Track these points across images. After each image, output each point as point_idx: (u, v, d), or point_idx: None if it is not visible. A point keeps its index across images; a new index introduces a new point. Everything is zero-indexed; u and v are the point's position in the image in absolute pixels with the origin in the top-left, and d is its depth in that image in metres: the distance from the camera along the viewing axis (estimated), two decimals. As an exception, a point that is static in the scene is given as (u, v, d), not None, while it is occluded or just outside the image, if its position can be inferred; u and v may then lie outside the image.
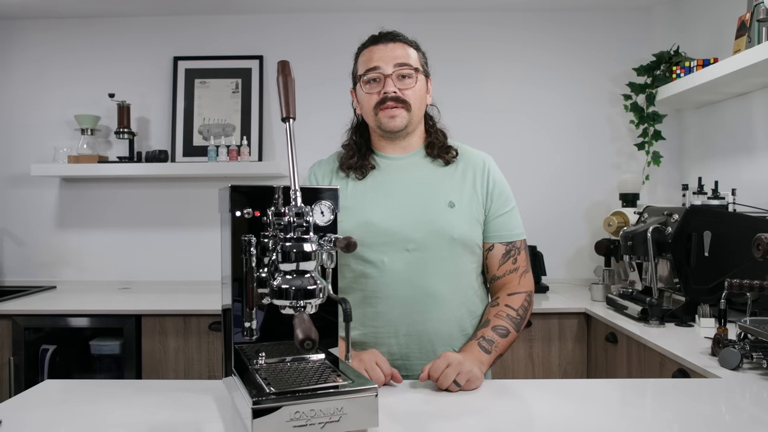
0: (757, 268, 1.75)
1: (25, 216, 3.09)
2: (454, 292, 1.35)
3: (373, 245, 1.33)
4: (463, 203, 1.37)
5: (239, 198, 1.09)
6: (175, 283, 3.00)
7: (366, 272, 1.35)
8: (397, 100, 1.35)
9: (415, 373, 1.35)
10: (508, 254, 1.40)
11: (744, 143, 2.44)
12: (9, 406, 1.12)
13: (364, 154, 1.43)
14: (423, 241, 1.33)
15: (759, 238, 1.41)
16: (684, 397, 1.17)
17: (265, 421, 0.89)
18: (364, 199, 1.37)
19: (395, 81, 1.35)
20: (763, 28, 2.01)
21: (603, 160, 3.02)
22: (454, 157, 1.42)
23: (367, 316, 1.36)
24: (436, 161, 1.42)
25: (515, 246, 1.41)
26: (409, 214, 1.34)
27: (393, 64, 1.35)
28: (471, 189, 1.39)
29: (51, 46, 3.09)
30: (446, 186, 1.38)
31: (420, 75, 1.38)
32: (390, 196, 1.37)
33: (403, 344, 1.35)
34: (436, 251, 1.33)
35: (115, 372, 2.51)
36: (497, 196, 1.40)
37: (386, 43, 1.38)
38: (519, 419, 1.06)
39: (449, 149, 1.42)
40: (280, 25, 3.07)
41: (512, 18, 3.05)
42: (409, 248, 1.33)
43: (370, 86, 1.38)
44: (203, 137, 3.02)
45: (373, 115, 1.38)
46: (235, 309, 1.11)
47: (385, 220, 1.34)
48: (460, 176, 1.40)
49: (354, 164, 1.41)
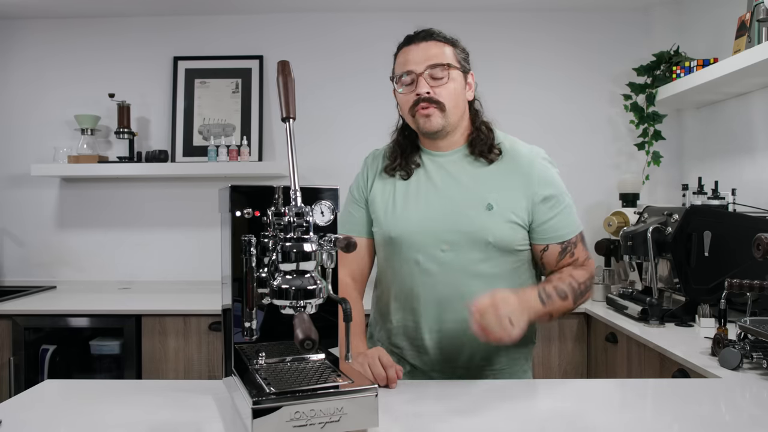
0: (757, 268, 1.75)
1: (25, 216, 3.09)
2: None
3: (410, 245, 1.35)
4: (503, 206, 1.33)
5: (239, 198, 1.09)
6: (175, 283, 2.99)
7: (404, 270, 1.37)
8: (430, 101, 1.32)
9: (444, 373, 1.37)
10: (564, 251, 1.36)
11: (744, 143, 2.43)
12: (9, 406, 1.12)
13: (408, 155, 1.42)
14: (457, 243, 1.32)
15: (759, 238, 1.41)
16: (684, 397, 1.17)
17: (265, 421, 0.89)
18: (405, 200, 1.38)
19: (428, 80, 1.33)
20: (763, 28, 2.01)
21: (603, 160, 3.02)
22: (497, 155, 1.37)
23: (405, 311, 1.38)
24: (479, 160, 1.38)
25: (570, 242, 1.36)
26: (445, 215, 1.34)
27: (425, 64, 1.33)
28: (514, 191, 1.34)
29: (51, 46, 3.09)
30: (486, 187, 1.34)
31: (455, 71, 1.34)
32: (429, 197, 1.37)
33: (435, 341, 1.36)
34: (470, 253, 1.32)
35: (115, 372, 2.51)
36: (546, 200, 1.34)
37: (419, 42, 1.36)
38: (519, 419, 1.06)
39: (492, 148, 1.37)
40: (280, 25, 3.07)
41: (512, 18, 3.05)
42: (443, 249, 1.33)
43: (405, 88, 1.37)
44: (203, 137, 3.02)
45: (411, 117, 1.37)
46: (235, 309, 1.11)
47: (421, 221, 1.35)
48: (502, 177, 1.35)
49: (398, 165, 1.41)
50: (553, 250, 1.36)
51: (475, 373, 1.37)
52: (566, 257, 1.36)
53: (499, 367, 1.39)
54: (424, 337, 1.36)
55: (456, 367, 1.37)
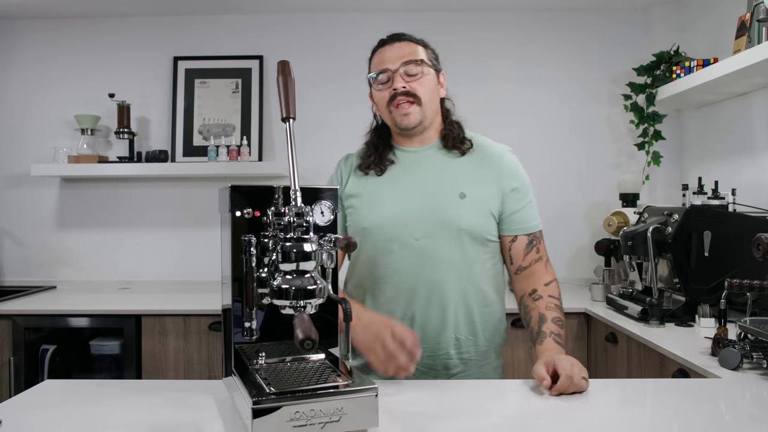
0: (757, 268, 1.75)
1: (25, 216, 3.09)
2: (461, 281, 1.38)
3: (384, 235, 1.38)
4: (476, 194, 1.39)
5: (239, 198, 1.09)
6: (175, 283, 2.99)
7: (378, 260, 1.40)
8: (407, 94, 1.38)
9: (417, 362, 1.37)
10: (530, 244, 1.43)
11: (744, 143, 2.43)
12: (9, 406, 1.12)
13: (382, 152, 1.47)
14: (430, 231, 1.36)
15: (759, 238, 1.41)
16: (684, 397, 1.17)
17: (265, 421, 0.89)
18: (379, 192, 1.43)
19: (403, 77, 1.39)
20: (763, 28, 2.01)
21: (603, 160, 3.02)
22: (469, 148, 1.44)
23: (377, 300, 1.40)
24: (452, 152, 1.44)
25: (535, 236, 1.44)
26: (419, 205, 1.38)
27: (400, 61, 1.39)
28: (486, 181, 1.40)
29: (51, 46, 3.09)
30: (459, 178, 1.40)
31: (428, 68, 1.41)
32: (403, 189, 1.42)
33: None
34: (443, 241, 1.36)
35: (115, 372, 2.51)
36: (515, 191, 1.41)
37: (393, 43, 1.42)
38: (519, 419, 1.06)
39: (464, 140, 1.45)
40: (281, 26, 3.07)
41: (512, 18, 3.05)
42: (417, 237, 1.37)
43: (381, 85, 1.42)
44: (203, 137, 3.02)
45: (388, 113, 1.43)
46: (235, 309, 1.11)
47: (395, 211, 1.39)
48: (474, 168, 1.42)
49: (372, 162, 1.46)
50: (520, 242, 1.42)
51: (445, 361, 1.40)
52: (532, 251, 1.43)
53: (468, 357, 1.42)
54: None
55: (428, 355, 1.39)
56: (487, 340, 1.43)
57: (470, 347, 1.41)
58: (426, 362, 1.39)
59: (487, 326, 1.43)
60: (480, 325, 1.41)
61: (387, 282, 1.39)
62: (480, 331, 1.41)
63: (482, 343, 1.42)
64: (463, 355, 1.41)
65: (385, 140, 1.49)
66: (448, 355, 1.40)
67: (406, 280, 1.37)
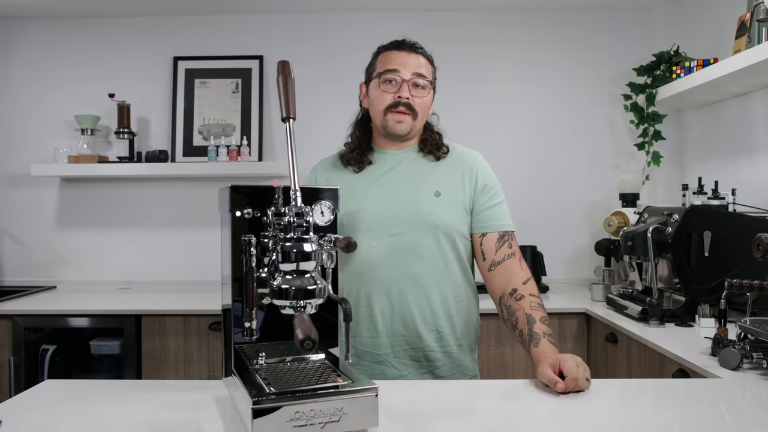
0: (757, 268, 1.75)
1: (25, 216, 3.09)
2: (436, 275, 1.42)
3: (362, 230, 1.42)
4: (450, 193, 1.44)
5: (239, 198, 1.10)
6: (175, 283, 2.99)
7: (356, 255, 1.42)
8: (408, 107, 1.43)
9: (396, 357, 1.42)
10: (502, 239, 1.46)
11: (744, 143, 2.43)
12: (9, 406, 1.12)
13: (364, 151, 1.52)
14: (407, 226, 1.41)
15: (759, 238, 1.41)
16: (684, 397, 1.17)
17: (265, 421, 0.89)
18: (357, 189, 1.46)
19: (411, 88, 1.44)
20: (763, 28, 2.01)
21: (603, 160, 3.02)
22: (445, 154, 1.50)
23: (359, 296, 1.43)
24: (428, 156, 1.50)
25: (507, 233, 1.47)
26: (396, 202, 1.43)
27: (412, 72, 1.44)
28: (459, 181, 1.46)
29: (51, 46, 3.09)
30: (434, 178, 1.46)
31: (430, 87, 1.48)
32: (381, 186, 1.46)
33: (388, 322, 1.42)
34: (418, 237, 1.41)
35: (115, 372, 2.51)
36: (486, 189, 1.47)
37: (408, 51, 1.46)
38: (519, 419, 1.06)
39: (441, 146, 1.51)
40: (281, 26, 3.07)
41: (512, 18, 3.05)
42: (393, 233, 1.41)
43: (386, 86, 1.45)
44: (203, 137, 3.02)
45: (382, 116, 1.46)
46: (235, 309, 1.11)
47: (373, 208, 1.43)
48: (449, 170, 1.48)
49: (353, 158, 1.50)
50: (491, 237, 1.45)
51: (425, 354, 1.43)
52: (504, 246, 1.45)
53: (449, 350, 1.44)
54: (377, 320, 1.42)
55: (408, 348, 1.43)
56: (462, 335, 1.47)
57: (449, 339, 1.45)
58: (411, 355, 1.43)
59: (461, 320, 1.47)
60: (457, 319, 1.45)
61: (366, 278, 1.42)
62: (457, 325, 1.45)
63: (460, 337, 1.47)
64: (445, 348, 1.44)
65: (367, 138, 1.54)
66: (430, 348, 1.43)
67: (384, 275, 1.41)
